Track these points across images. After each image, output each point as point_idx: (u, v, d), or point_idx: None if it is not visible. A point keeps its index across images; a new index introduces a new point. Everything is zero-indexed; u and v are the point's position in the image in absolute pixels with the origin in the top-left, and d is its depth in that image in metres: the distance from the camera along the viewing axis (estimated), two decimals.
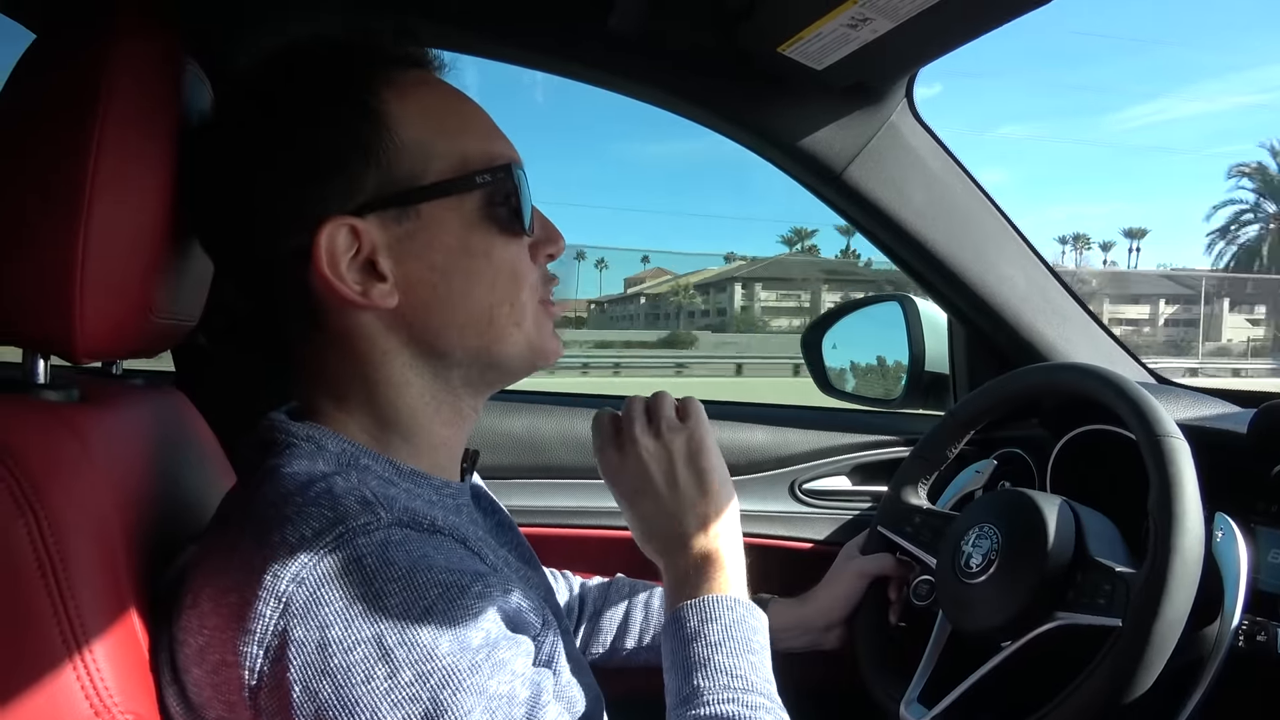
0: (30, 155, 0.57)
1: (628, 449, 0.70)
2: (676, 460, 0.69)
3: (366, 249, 0.59)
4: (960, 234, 1.10)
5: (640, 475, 0.69)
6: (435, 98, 0.63)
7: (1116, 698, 0.70)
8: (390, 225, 0.59)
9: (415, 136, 0.60)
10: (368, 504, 0.52)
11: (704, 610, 0.64)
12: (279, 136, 0.59)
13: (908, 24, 0.82)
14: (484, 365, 0.64)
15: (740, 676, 0.61)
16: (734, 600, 0.65)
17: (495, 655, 0.51)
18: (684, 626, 0.64)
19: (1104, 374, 0.84)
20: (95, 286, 0.57)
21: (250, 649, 0.49)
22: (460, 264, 0.61)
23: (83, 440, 0.56)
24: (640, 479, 0.69)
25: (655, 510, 0.69)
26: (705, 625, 0.63)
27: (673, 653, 0.64)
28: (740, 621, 0.64)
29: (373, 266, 0.59)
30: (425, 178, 0.60)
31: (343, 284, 0.58)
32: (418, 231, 0.60)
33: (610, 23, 0.93)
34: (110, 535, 0.55)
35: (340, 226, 0.58)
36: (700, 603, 0.64)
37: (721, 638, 0.63)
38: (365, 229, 0.59)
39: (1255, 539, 0.80)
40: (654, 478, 0.69)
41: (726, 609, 0.64)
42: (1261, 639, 0.74)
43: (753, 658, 0.63)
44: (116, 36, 0.59)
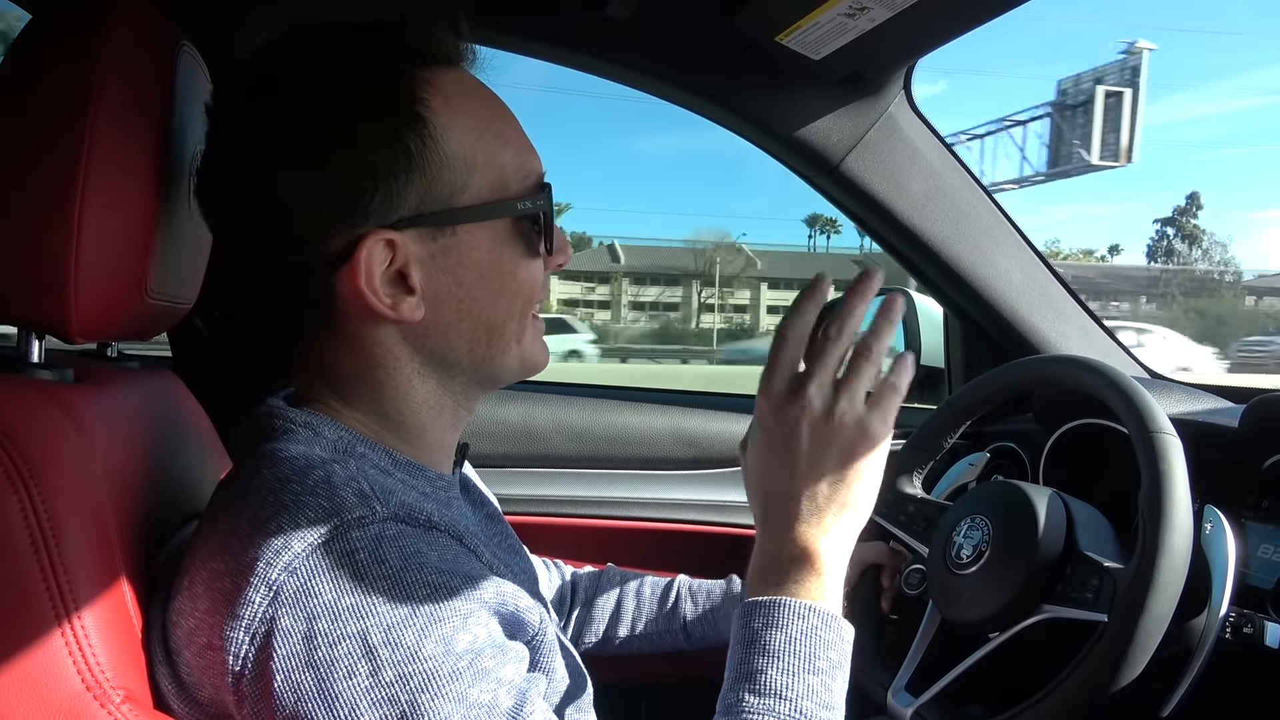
0: (25, 136, 0.57)
1: (789, 408, 0.60)
2: (835, 446, 0.60)
3: (400, 261, 0.58)
4: (957, 227, 1.10)
5: (788, 439, 0.60)
6: (477, 105, 0.61)
7: (1101, 690, 0.71)
8: (426, 240, 0.58)
9: (458, 150, 0.58)
10: (365, 497, 0.52)
11: (772, 612, 0.58)
12: (324, 141, 0.56)
13: (906, 13, 0.82)
14: (483, 375, 0.64)
15: (790, 699, 0.55)
16: (809, 608, 0.58)
17: (479, 663, 0.50)
18: (747, 625, 0.59)
19: (1099, 367, 0.84)
20: (90, 267, 0.57)
21: (237, 634, 0.49)
22: (486, 280, 0.61)
23: (76, 420, 0.56)
24: (787, 443, 0.60)
25: (781, 478, 0.61)
26: (769, 630, 0.57)
27: (731, 649, 0.59)
28: (810, 634, 0.57)
29: (403, 279, 0.59)
30: (466, 195, 0.59)
31: (375, 297, 0.58)
32: (451, 248, 0.59)
33: (606, 11, 0.93)
34: (103, 514, 0.55)
35: (379, 240, 0.57)
36: (771, 603, 0.58)
37: (783, 649, 0.57)
38: (402, 243, 0.58)
39: (1244, 533, 0.81)
40: (800, 449, 0.59)
41: (798, 616, 0.57)
42: (1248, 631, 0.75)
43: (813, 679, 0.56)
44: (112, 17, 0.59)
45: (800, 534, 0.60)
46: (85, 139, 0.56)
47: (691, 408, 1.30)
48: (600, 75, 1.06)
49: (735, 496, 1.27)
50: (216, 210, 0.62)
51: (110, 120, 0.57)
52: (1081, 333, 1.16)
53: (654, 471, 1.27)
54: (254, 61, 0.60)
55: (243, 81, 0.60)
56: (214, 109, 0.61)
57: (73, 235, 0.56)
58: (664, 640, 0.96)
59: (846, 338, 0.60)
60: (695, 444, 1.27)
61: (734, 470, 1.28)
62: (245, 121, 0.59)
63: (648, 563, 1.12)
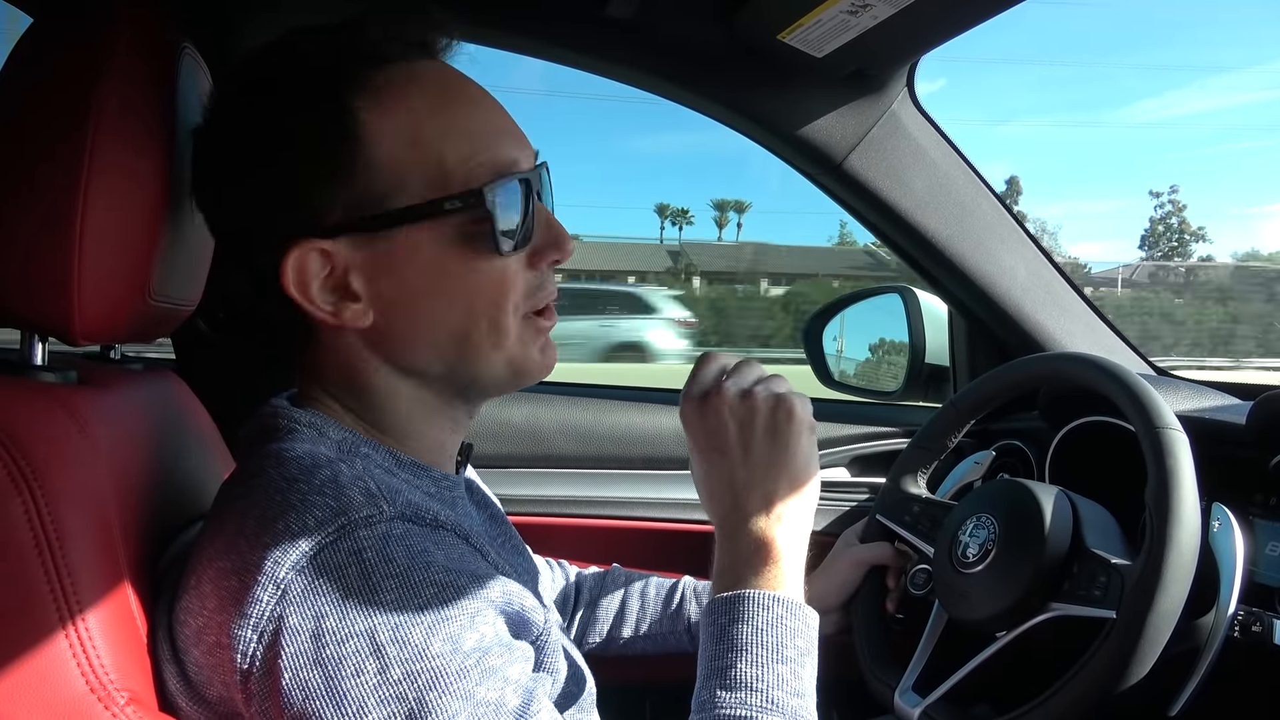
0: (28, 138, 0.57)
1: (709, 399, 0.63)
2: (758, 423, 0.62)
3: (339, 269, 0.58)
4: (961, 224, 1.09)
5: (715, 431, 0.63)
6: (415, 100, 0.58)
7: (1109, 688, 0.70)
8: (362, 245, 0.57)
9: (389, 152, 0.57)
10: (371, 496, 0.52)
11: (736, 607, 0.59)
12: (256, 154, 0.58)
13: (908, 10, 0.82)
14: (463, 383, 0.63)
15: (761, 690, 0.56)
16: (773, 598, 0.59)
17: (486, 661, 0.50)
18: (714, 622, 0.59)
19: (1104, 364, 0.84)
20: (92, 269, 0.57)
21: (245, 633, 0.49)
22: (436, 285, 0.58)
23: (80, 422, 0.56)
24: (715, 435, 0.63)
25: (722, 475, 0.63)
26: (734, 625, 0.58)
27: (702, 647, 0.60)
28: (776, 623, 0.58)
29: (347, 286, 0.58)
30: (399, 198, 0.57)
31: (314, 306, 0.58)
32: (390, 252, 0.57)
33: (609, 9, 0.93)
34: (107, 516, 0.55)
35: (310, 250, 0.57)
36: (734, 598, 0.59)
37: (750, 641, 0.57)
38: (336, 250, 0.57)
39: (1253, 531, 0.80)
40: (729, 436, 0.62)
41: (762, 607, 0.58)
42: (1257, 630, 0.74)
43: (782, 668, 0.57)
44: (114, 20, 0.59)
45: (752, 525, 0.61)
46: (88, 141, 0.56)
47: None
48: (602, 75, 1.06)
49: None
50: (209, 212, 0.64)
51: (113, 123, 0.57)
52: (1087, 330, 1.16)
53: (658, 471, 1.27)
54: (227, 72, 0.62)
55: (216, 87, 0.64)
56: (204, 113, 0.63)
57: (75, 238, 0.56)
58: (668, 641, 0.95)
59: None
60: None
61: None
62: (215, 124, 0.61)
63: (652, 562, 1.12)
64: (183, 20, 0.66)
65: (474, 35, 1.02)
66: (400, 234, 0.57)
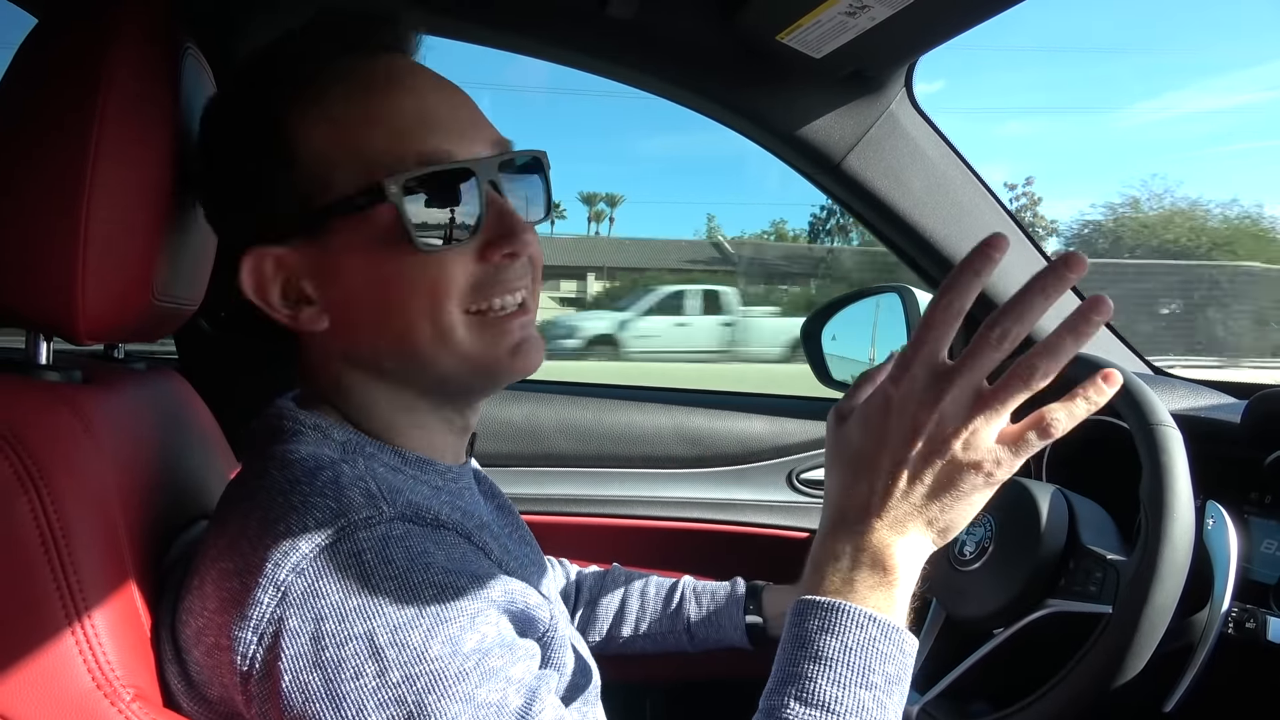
0: (32, 139, 0.57)
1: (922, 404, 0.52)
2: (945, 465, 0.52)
3: (292, 274, 0.59)
4: (959, 224, 1.10)
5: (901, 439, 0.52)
6: (340, 96, 0.57)
7: (1105, 683, 0.71)
8: (305, 249, 0.58)
9: (317, 149, 0.57)
10: (371, 497, 0.53)
11: (830, 616, 0.52)
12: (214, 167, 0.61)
13: (906, 11, 0.82)
14: (430, 383, 0.61)
15: (838, 713, 0.50)
16: (870, 617, 0.52)
17: (486, 662, 0.50)
18: (801, 625, 0.53)
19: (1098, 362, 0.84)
20: (97, 269, 0.57)
21: (245, 634, 0.49)
22: (371, 286, 0.58)
23: (84, 420, 0.57)
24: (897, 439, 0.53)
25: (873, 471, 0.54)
26: (824, 635, 0.52)
27: (781, 645, 0.55)
28: (868, 645, 0.52)
29: (301, 290, 0.60)
30: (327, 194, 0.56)
31: (273, 310, 0.59)
32: (329, 251, 0.58)
33: (609, 10, 0.93)
34: (112, 513, 0.56)
35: (264, 257, 0.59)
36: (830, 605, 0.53)
37: (837, 656, 0.51)
38: (284, 256, 0.59)
39: (1247, 528, 0.81)
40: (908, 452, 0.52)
41: (857, 625, 0.52)
42: (1250, 626, 0.75)
43: (865, 694, 0.51)
44: (117, 20, 0.59)
45: (877, 535, 0.53)
46: (92, 142, 0.56)
47: (695, 406, 1.30)
48: (602, 75, 1.06)
49: (738, 494, 1.27)
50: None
51: (117, 123, 0.57)
52: None
53: (658, 470, 1.27)
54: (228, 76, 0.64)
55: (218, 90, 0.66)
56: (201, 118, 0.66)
57: (80, 238, 0.56)
58: (667, 640, 0.96)
59: (1010, 345, 0.51)
60: (699, 442, 1.28)
61: (737, 468, 1.29)
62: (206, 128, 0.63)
63: (651, 560, 1.12)
64: (185, 20, 0.66)
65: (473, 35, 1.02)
66: (335, 235, 0.57)
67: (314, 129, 0.57)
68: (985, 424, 0.51)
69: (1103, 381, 0.52)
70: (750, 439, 1.28)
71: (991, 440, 0.52)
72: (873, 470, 0.54)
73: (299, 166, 0.57)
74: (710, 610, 0.95)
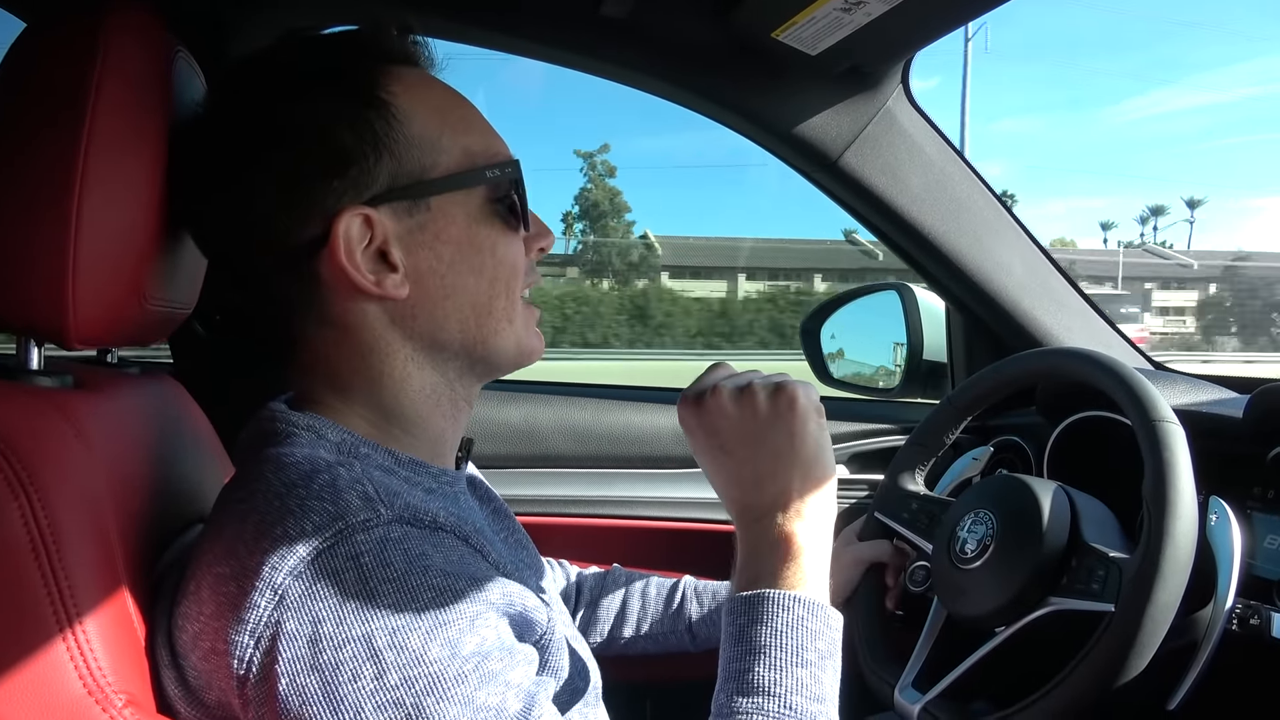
0: (22, 142, 0.57)
1: (706, 398, 0.63)
2: (762, 413, 0.61)
3: (379, 239, 0.60)
4: (957, 220, 1.10)
5: (717, 429, 0.62)
6: (437, 95, 0.64)
7: (1108, 682, 0.70)
8: (402, 216, 0.60)
9: (423, 131, 0.61)
10: (369, 500, 0.52)
11: (756, 607, 0.57)
12: (295, 129, 0.59)
13: (901, 7, 0.82)
14: (476, 358, 0.65)
15: (779, 695, 0.54)
16: (793, 598, 0.57)
17: (485, 665, 0.50)
18: (733, 622, 0.58)
19: (1100, 358, 0.84)
20: (88, 273, 0.57)
21: (241, 638, 0.49)
22: (466, 257, 0.62)
23: (76, 425, 0.56)
24: (716, 433, 0.62)
25: (730, 472, 0.62)
26: (753, 626, 0.56)
27: (722, 647, 0.59)
28: (796, 625, 0.56)
29: (384, 257, 0.60)
30: (435, 170, 0.61)
31: (358, 273, 0.59)
32: (428, 223, 0.61)
33: (603, 9, 0.93)
34: (104, 519, 0.55)
35: (355, 216, 0.59)
36: (754, 597, 0.57)
37: (769, 643, 0.56)
38: (379, 219, 0.59)
39: (1251, 524, 0.80)
40: (730, 431, 0.62)
41: (782, 608, 0.56)
42: (1255, 623, 0.74)
43: (802, 672, 0.55)
44: (108, 25, 0.59)
45: (768, 521, 0.60)
46: (82, 145, 0.56)
47: None
48: (597, 74, 1.06)
49: None
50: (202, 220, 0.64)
51: (107, 125, 0.57)
52: (1084, 325, 1.16)
53: (657, 470, 1.27)
54: (226, 73, 0.64)
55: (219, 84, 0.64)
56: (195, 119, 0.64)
57: (71, 242, 0.56)
58: (669, 641, 0.96)
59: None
60: None
61: None
62: (222, 123, 0.62)
63: (652, 560, 1.12)
64: (176, 24, 0.66)
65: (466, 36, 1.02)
66: (436, 206, 0.61)
67: (420, 111, 0.61)
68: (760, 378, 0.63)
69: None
70: None
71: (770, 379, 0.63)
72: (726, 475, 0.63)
73: (408, 139, 0.60)
74: (711, 609, 0.95)
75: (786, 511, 0.60)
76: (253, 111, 0.60)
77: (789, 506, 0.60)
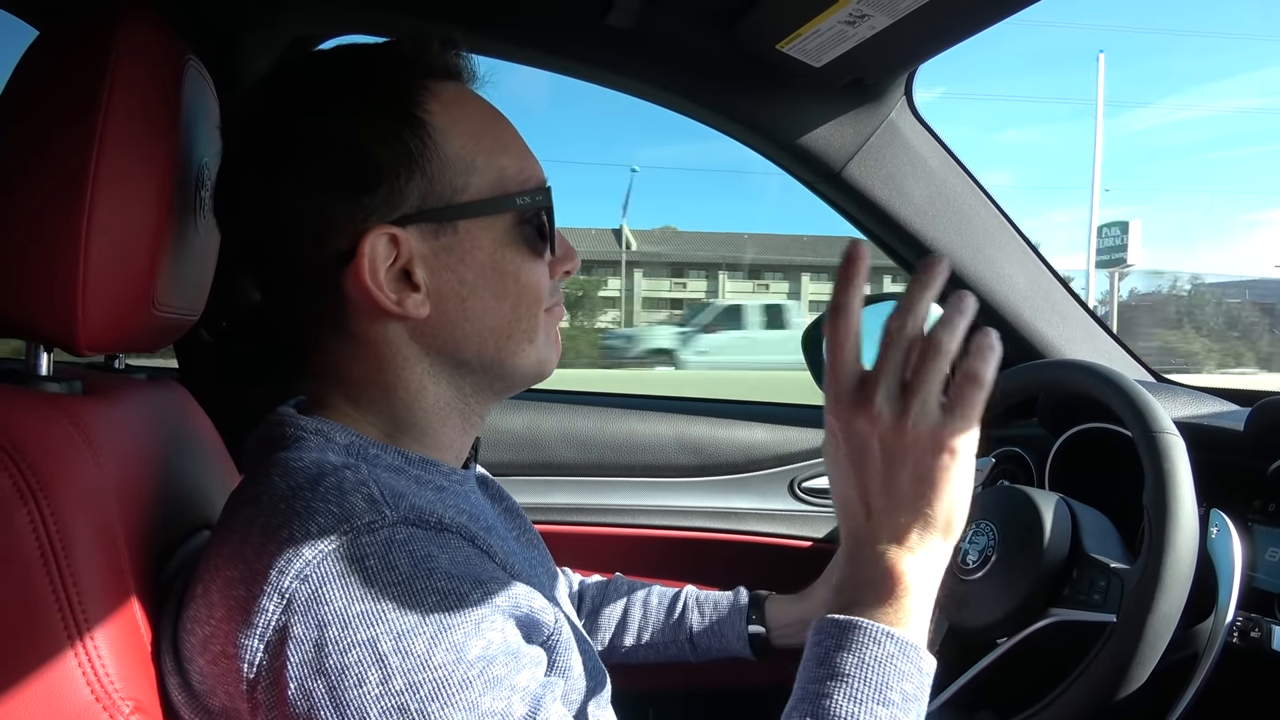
0: (33, 149, 0.57)
1: (857, 413, 0.55)
2: (908, 459, 0.54)
3: (404, 258, 0.60)
4: (960, 232, 1.10)
5: (859, 452, 0.55)
6: (475, 113, 0.63)
7: (1110, 693, 0.70)
8: (428, 237, 0.60)
9: (457, 152, 0.61)
10: (374, 502, 0.53)
11: (845, 634, 0.53)
12: (329, 143, 0.59)
13: (906, 20, 0.82)
14: (495, 376, 0.65)
15: None
16: (886, 633, 0.53)
17: (491, 670, 0.50)
18: (819, 643, 0.54)
19: (1101, 370, 0.84)
20: (98, 280, 0.57)
21: (251, 642, 0.49)
22: (490, 280, 0.62)
23: (85, 431, 0.56)
24: (858, 455, 0.55)
25: (856, 489, 0.56)
26: (840, 653, 0.53)
27: (803, 664, 0.56)
28: (885, 661, 0.52)
29: (407, 276, 0.60)
30: (466, 193, 0.61)
31: (380, 292, 0.59)
32: (454, 245, 0.61)
33: (608, 19, 0.93)
34: (112, 525, 0.56)
35: (382, 235, 0.59)
36: (846, 624, 0.53)
37: (852, 674, 0.52)
38: (405, 239, 0.59)
39: (1251, 536, 0.80)
40: (871, 462, 0.55)
41: (873, 641, 0.53)
42: (1255, 635, 0.74)
43: (881, 710, 0.51)
44: (119, 33, 0.59)
45: (881, 553, 0.55)
46: (93, 152, 0.56)
47: (696, 415, 1.30)
48: (602, 84, 1.07)
49: (740, 503, 1.27)
50: (232, 216, 0.64)
51: (118, 133, 0.57)
52: (1086, 337, 1.16)
53: (659, 479, 1.27)
54: (267, 76, 0.63)
55: (255, 92, 0.63)
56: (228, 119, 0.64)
57: (80, 248, 0.56)
58: (670, 650, 0.95)
59: (910, 333, 0.55)
60: (700, 451, 1.27)
61: (738, 477, 1.28)
62: (257, 128, 0.61)
63: (653, 569, 1.12)
64: (187, 32, 0.67)
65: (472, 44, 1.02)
66: (464, 228, 0.61)
67: (456, 131, 0.61)
68: (923, 406, 0.54)
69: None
70: (752, 447, 1.28)
71: (937, 415, 0.55)
72: (855, 496, 0.57)
73: (443, 159, 0.60)
74: (713, 620, 0.95)
75: (902, 548, 0.55)
76: (291, 119, 0.60)
77: (905, 544, 0.55)
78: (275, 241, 0.61)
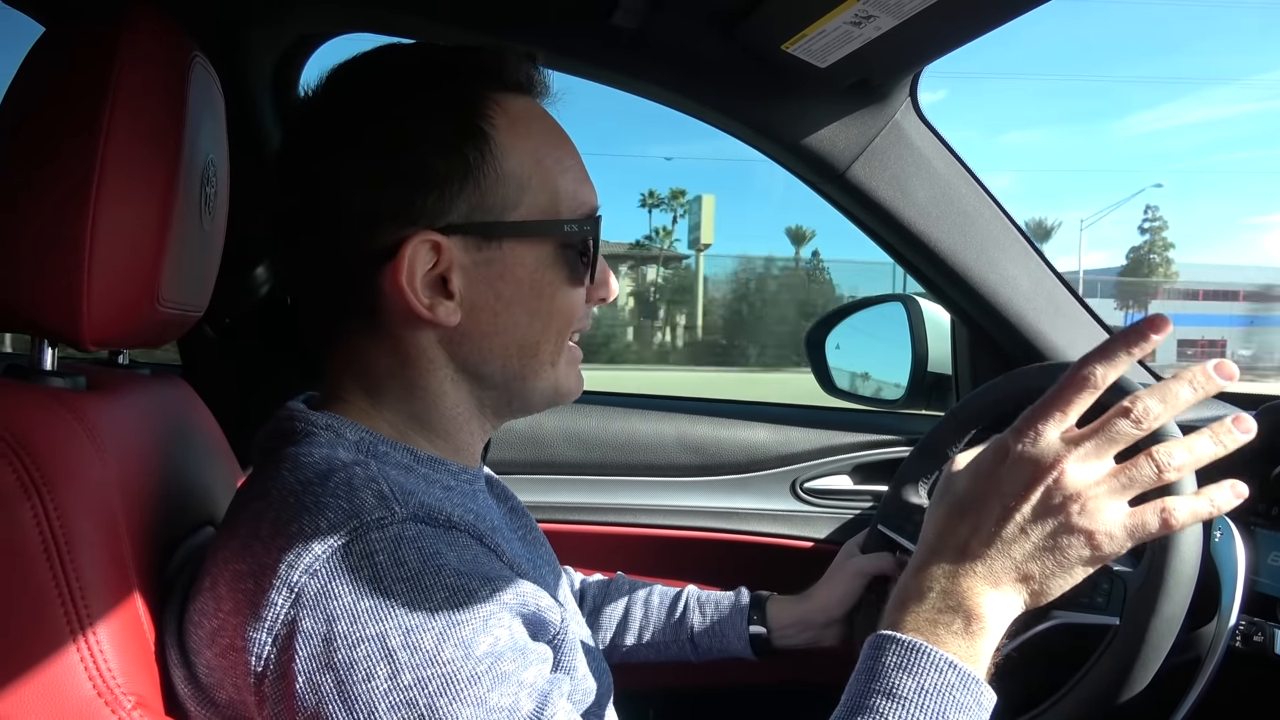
0: (40, 145, 0.57)
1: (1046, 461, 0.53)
2: (1058, 527, 0.52)
3: (443, 265, 0.60)
4: (964, 233, 1.10)
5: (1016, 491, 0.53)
6: (541, 132, 0.63)
7: (1113, 696, 0.70)
8: (471, 249, 0.60)
9: (515, 169, 0.60)
10: (383, 498, 0.53)
11: (909, 655, 0.52)
12: (390, 141, 0.59)
13: (911, 21, 0.82)
14: (513, 394, 0.65)
15: None
16: (951, 663, 0.51)
17: (499, 666, 0.50)
18: (878, 659, 0.53)
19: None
20: (103, 275, 0.58)
21: (259, 636, 0.50)
22: (524, 299, 0.62)
23: (89, 427, 0.57)
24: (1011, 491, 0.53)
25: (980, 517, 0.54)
26: (900, 673, 0.51)
27: (855, 675, 0.54)
28: (945, 691, 0.51)
29: (444, 283, 0.60)
30: (516, 212, 0.61)
31: (414, 297, 0.59)
32: (495, 260, 0.61)
33: (613, 19, 0.93)
34: (115, 521, 0.56)
35: (425, 241, 0.59)
36: (911, 644, 0.52)
37: (912, 696, 0.51)
38: (447, 247, 0.60)
39: (1255, 540, 0.80)
40: (1021, 506, 0.53)
41: (936, 669, 0.51)
42: (1259, 640, 0.74)
43: None
44: (124, 29, 0.59)
45: (970, 580, 0.53)
46: (99, 149, 0.57)
47: (698, 415, 1.30)
48: (606, 84, 1.07)
49: (742, 503, 1.27)
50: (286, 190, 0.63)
51: (124, 130, 0.58)
52: (1090, 338, 1.16)
53: (661, 479, 1.27)
54: (339, 67, 0.63)
55: (325, 82, 0.63)
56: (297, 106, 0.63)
57: (86, 244, 0.56)
58: (670, 650, 0.96)
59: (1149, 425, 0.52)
60: (702, 451, 1.27)
61: (741, 477, 1.28)
62: (321, 116, 0.62)
63: (655, 569, 1.12)
64: (193, 29, 0.67)
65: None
66: (508, 245, 0.61)
67: (517, 148, 0.61)
68: (1108, 497, 0.52)
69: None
70: (754, 448, 1.28)
71: (1110, 514, 0.52)
72: (979, 514, 0.54)
73: (500, 175, 0.60)
74: (714, 620, 0.95)
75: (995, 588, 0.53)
76: (355, 112, 0.60)
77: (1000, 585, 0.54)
78: (322, 226, 0.61)
